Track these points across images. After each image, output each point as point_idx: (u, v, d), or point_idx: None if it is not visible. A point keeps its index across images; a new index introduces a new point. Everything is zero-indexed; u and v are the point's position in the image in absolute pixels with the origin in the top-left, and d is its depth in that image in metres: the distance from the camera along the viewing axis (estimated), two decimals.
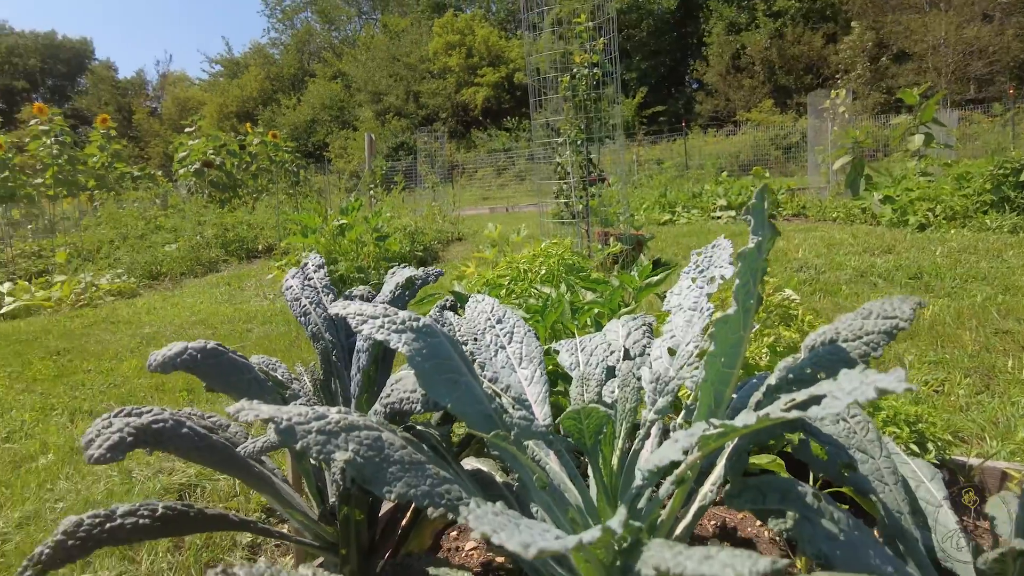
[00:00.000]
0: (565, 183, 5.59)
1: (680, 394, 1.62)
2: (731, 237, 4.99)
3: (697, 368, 0.94)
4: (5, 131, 14.64)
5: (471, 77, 45.04)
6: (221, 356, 1.16)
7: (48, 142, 13.30)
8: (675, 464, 0.70)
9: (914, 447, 1.63)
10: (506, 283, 2.33)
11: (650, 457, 0.72)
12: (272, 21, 73.86)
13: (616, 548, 0.77)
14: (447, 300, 1.44)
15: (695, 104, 41.78)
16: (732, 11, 40.80)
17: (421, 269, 1.36)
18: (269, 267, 8.41)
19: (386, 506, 1.47)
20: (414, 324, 0.92)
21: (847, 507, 0.94)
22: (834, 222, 7.77)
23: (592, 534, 0.61)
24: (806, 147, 12.02)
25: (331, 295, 1.42)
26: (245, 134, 16.27)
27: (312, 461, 1.12)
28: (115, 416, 1.04)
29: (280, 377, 1.39)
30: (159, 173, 17.50)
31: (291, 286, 1.44)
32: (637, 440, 0.94)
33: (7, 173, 13.05)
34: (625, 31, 43.56)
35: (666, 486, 0.85)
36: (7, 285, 8.07)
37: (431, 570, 1.17)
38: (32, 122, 13.61)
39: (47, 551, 0.91)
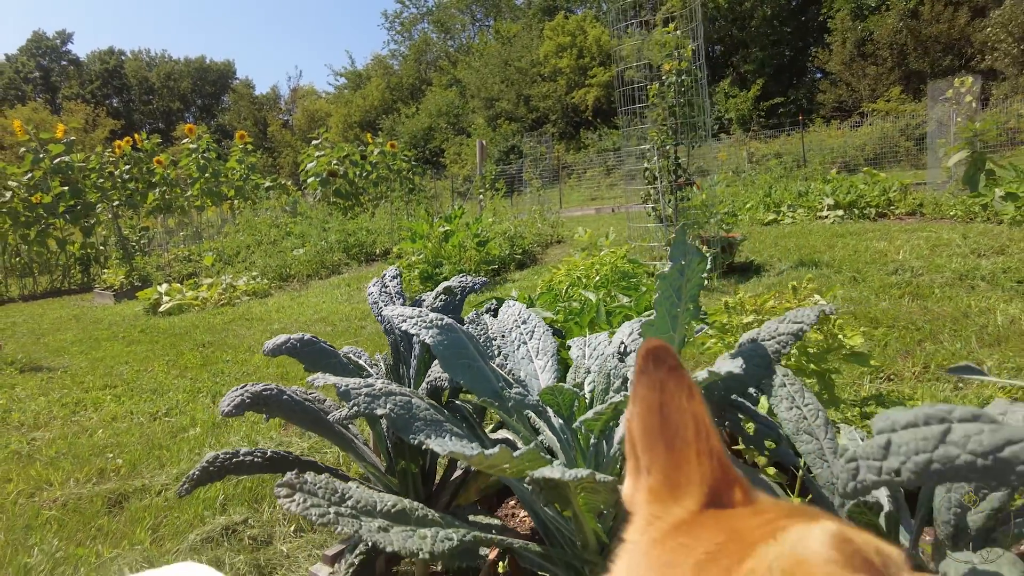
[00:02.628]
0: (653, 188, 5.76)
1: None
2: (833, 238, 5.16)
3: None
4: (163, 148, 16.57)
5: (582, 78, 45.14)
6: (314, 345, 1.56)
7: (196, 159, 14.99)
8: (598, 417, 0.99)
9: None
10: (564, 288, 2.62)
11: (586, 416, 1.01)
12: (392, 33, 77.51)
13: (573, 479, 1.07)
14: (491, 304, 1.77)
15: (817, 94, 39.55)
16: None
17: (461, 279, 1.70)
18: (385, 270, 9.14)
19: (441, 471, 1.83)
20: (439, 322, 1.26)
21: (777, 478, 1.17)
22: (952, 220, 7.37)
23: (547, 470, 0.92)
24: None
25: (401, 299, 1.79)
26: (366, 144, 17.44)
27: (361, 414, 1.47)
28: (242, 388, 1.46)
29: (362, 363, 1.78)
30: (289, 183, 19.11)
31: (371, 292, 1.82)
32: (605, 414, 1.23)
33: (165, 187, 14.84)
34: (739, 21, 42.06)
35: (615, 446, 1.13)
36: (164, 286, 9.30)
37: (471, 517, 1.51)
38: (185, 141, 15.36)
39: (196, 473, 1.33)
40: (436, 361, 1.52)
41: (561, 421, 1.19)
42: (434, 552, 1.00)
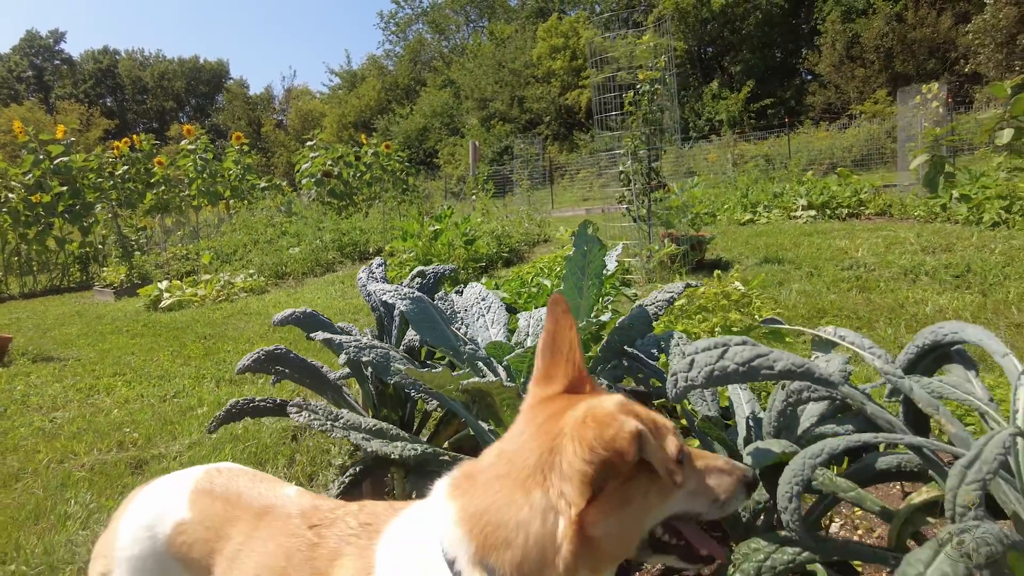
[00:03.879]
0: (628, 189, 6.15)
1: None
2: (801, 237, 5.66)
3: None
4: (158, 148, 16.89)
5: (575, 80, 45.51)
6: (314, 316, 1.94)
7: (194, 159, 15.33)
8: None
9: None
10: (530, 277, 3.01)
11: (511, 355, 1.41)
12: (387, 33, 77.81)
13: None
14: (460, 288, 2.16)
15: (806, 96, 40.08)
16: None
17: (433, 267, 2.09)
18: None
19: (416, 423, 2.21)
20: (411, 295, 1.65)
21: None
22: (915, 220, 7.80)
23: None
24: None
25: (384, 282, 2.18)
26: (360, 145, 17.81)
27: (351, 360, 1.85)
28: (257, 351, 1.84)
29: (353, 333, 2.16)
30: (284, 183, 19.45)
31: (361, 277, 2.21)
32: None
33: (164, 187, 15.17)
34: (731, 23, 42.61)
35: None
36: (164, 283, 9.65)
37: (444, 459, 1.90)
38: (183, 142, 15.69)
39: (222, 414, 1.72)
40: (411, 328, 1.91)
41: (501, 367, 1.57)
42: (403, 456, 1.38)
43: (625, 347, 1.54)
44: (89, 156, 14.59)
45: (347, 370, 2.09)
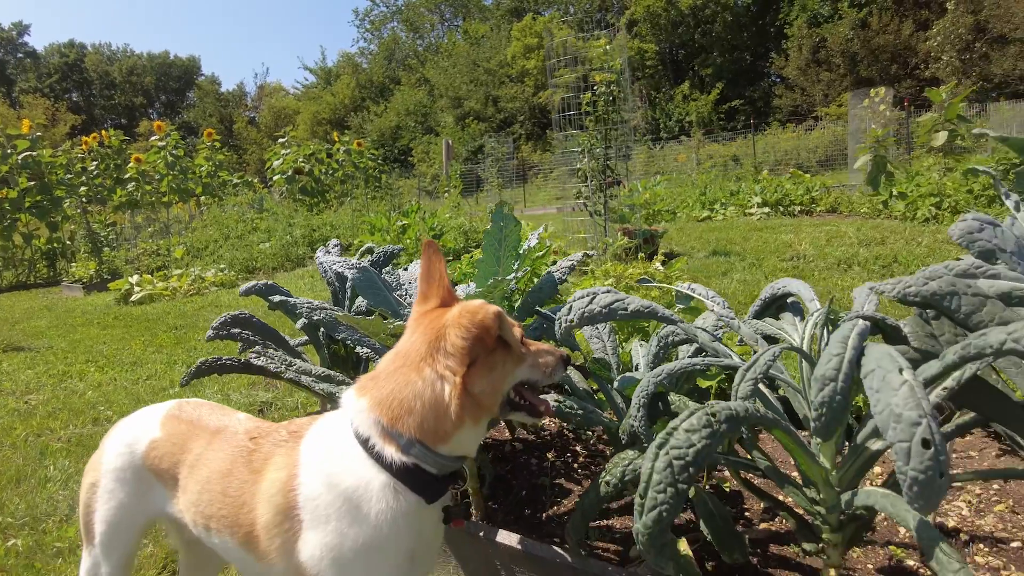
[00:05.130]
0: (585, 186, 6.47)
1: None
2: (751, 232, 6.10)
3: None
4: (127, 145, 16.80)
5: (551, 79, 45.71)
6: (274, 287, 2.20)
7: (164, 155, 15.33)
8: None
9: None
10: (476, 260, 3.29)
11: None
12: (361, 31, 77.46)
13: None
14: (407, 267, 2.44)
15: (774, 98, 40.95)
16: (816, 3, 39.71)
17: (384, 248, 2.36)
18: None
19: None
20: (358, 265, 1.92)
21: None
22: (861, 217, 8.25)
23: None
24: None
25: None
26: (334, 142, 17.92)
27: (307, 321, 2.11)
28: (224, 315, 2.10)
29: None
30: (256, 180, 19.47)
31: (319, 255, 2.47)
32: None
33: (136, 183, 15.14)
34: (701, 26, 43.36)
35: None
36: (135, 278, 9.75)
37: None
38: (153, 138, 15.67)
39: (192, 370, 1.97)
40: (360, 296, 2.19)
41: None
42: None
43: (537, 308, 1.83)
44: (57, 151, 14.51)
45: (305, 337, 2.35)
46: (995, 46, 30.94)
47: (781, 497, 1.73)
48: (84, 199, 14.32)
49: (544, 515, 2.07)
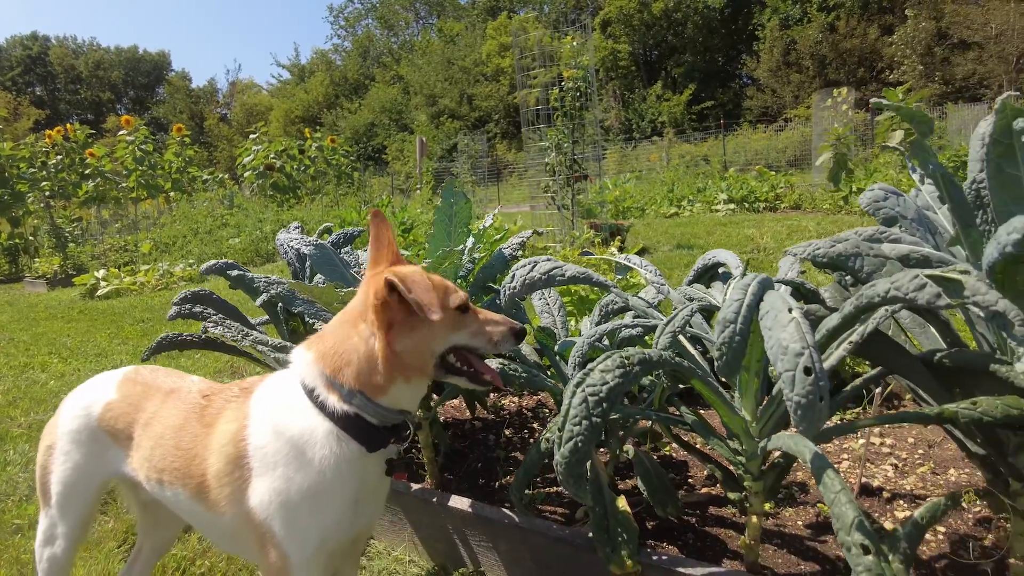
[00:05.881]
0: (553, 180, 6.57)
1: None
2: (715, 227, 6.25)
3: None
4: (94, 139, 16.52)
5: (523, 78, 45.82)
6: (235, 266, 2.25)
7: (133, 150, 15.09)
8: None
9: None
10: None
11: None
12: (335, 28, 76.88)
13: None
14: (366, 248, 2.50)
15: (745, 99, 41.56)
16: (787, 5, 40.37)
17: (345, 230, 2.42)
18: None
19: None
20: (315, 243, 1.98)
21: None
22: (823, 212, 8.47)
23: None
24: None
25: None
26: (306, 139, 17.81)
27: (268, 296, 2.16)
28: (184, 292, 2.14)
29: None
30: (227, 176, 19.26)
31: (279, 236, 2.52)
32: None
33: (100, 178, 14.89)
34: (674, 27, 43.87)
35: None
36: (102, 272, 9.61)
37: None
38: (120, 133, 15.43)
39: (154, 345, 2.01)
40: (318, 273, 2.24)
41: None
42: None
43: (489, 284, 1.91)
44: (19, 144, 14.21)
45: (266, 317, 2.40)
46: (956, 51, 31.85)
47: (712, 454, 1.83)
48: (47, 194, 14.05)
49: (497, 484, 2.15)
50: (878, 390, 2.61)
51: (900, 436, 2.33)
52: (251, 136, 16.98)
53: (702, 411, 2.46)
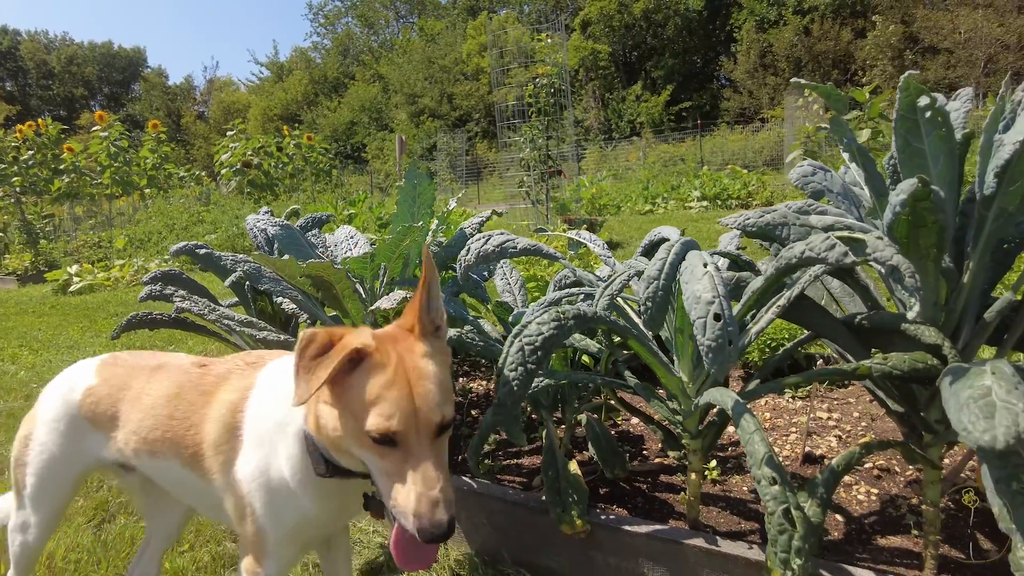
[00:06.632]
0: (527, 175, 6.66)
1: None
2: (688, 223, 6.40)
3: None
4: (67, 136, 16.30)
5: (503, 77, 45.86)
6: (203, 248, 2.30)
7: (107, 146, 14.93)
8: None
9: None
10: None
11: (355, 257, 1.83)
12: (315, 26, 76.31)
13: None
14: (336, 231, 2.56)
15: (722, 100, 42.04)
16: (764, 7, 40.91)
17: (314, 214, 2.48)
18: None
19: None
20: (282, 223, 2.04)
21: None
22: None
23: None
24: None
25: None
26: (284, 136, 17.72)
27: (236, 274, 2.21)
28: (155, 272, 2.19)
29: None
30: (203, 174, 19.11)
31: (248, 220, 2.57)
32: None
33: (74, 175, 14.71)
34: (653, 28, 44.27)
35: (382, 289, 1.95)
36: (75, 267, 9.52)
37: None
38: (94, 128, 15.25)
39: (124, 323, 2.06)
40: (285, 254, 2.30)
41: (354, 279, 1.99)
42: (266, 340, 1.78)
43: (450, 264, 1.99)
44: None
45: (236, 299, 2.46)
46: (925, 55, 32.55)
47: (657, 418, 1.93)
48: (18, 190, 13.85)
49: (460, 458, 2.23)
50: (820, 361, 2.73)
51: (846, 411, 2.45)
52: (229, 133, 16.87)
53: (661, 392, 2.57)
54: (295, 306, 2.00)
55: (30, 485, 1.47)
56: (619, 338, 1.59)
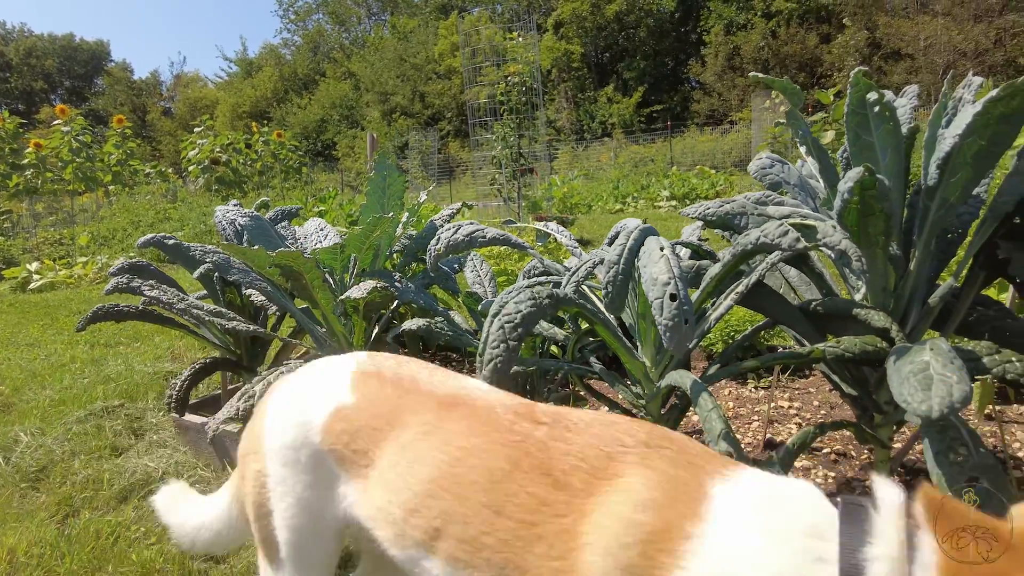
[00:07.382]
0: (499, 173, 6.69)
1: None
2: (657, 221, 6.49)
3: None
4: (25, 130, 15.86)
5: (475, 76, 45.84)
6: (171, 239, 2.29)
7: (69, 141, 14.56)
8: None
9: None
10: None
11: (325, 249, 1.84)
12: (285, 22, 75.32)
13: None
14: (305, 224, 2.56)
15: (692, 103, 42.57)
16: (732, 11, 41.54)
17: (284, 207, 2.48)
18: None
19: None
20: (250, 214, 2.04)
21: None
22: None
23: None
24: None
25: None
26: (253, 133, 17.50)
27: (205, 265, 2.20)
28: (122, 262, 2.17)
29: None
30: (170, 170, 18.76)
31: (216, 210, 2.56)
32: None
33: (32, 171, 14.33)
34: (625, 30, 44.67)
35: (351, 279, 1.97)
36: (35, 265, 9.29)
37: (273, 340, 2.29)
38: (55, 123, 14.87)
39: (89, 315, 2.04)
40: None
41: (324, 270, 2.01)
42: (236, 329, 1.78)
43: (421, 256, 2.02)
44: None
45: (205, 292, 2.44)
46: (889, 61, 33.40)
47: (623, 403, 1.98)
48: None
49: None
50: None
51: (807, 400, 2.53)
52: (196, 129, 16.59)
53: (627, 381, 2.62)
54: (264, 297, 2.00)
55: (284, 543, 1.03)
56: (586, 324, 1.64)
